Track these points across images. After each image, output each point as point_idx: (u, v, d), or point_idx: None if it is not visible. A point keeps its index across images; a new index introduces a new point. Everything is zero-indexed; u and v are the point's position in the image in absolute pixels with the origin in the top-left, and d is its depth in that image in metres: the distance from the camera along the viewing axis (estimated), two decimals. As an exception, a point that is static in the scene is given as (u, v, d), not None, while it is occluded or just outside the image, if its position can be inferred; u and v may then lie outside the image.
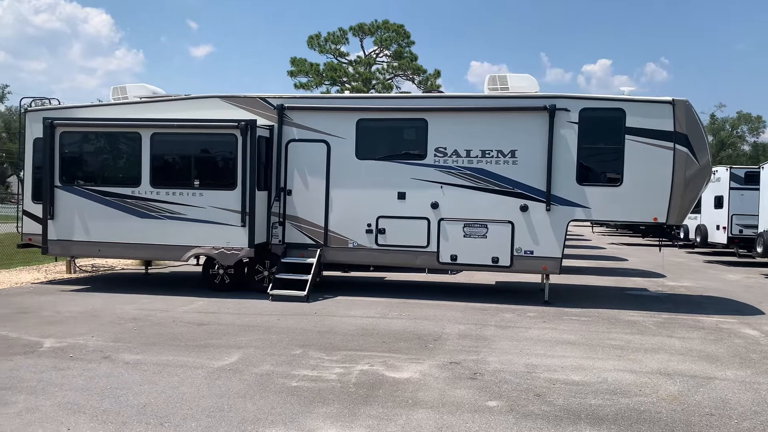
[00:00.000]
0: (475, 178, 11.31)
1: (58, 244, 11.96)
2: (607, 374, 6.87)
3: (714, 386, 6.51)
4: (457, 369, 6.97)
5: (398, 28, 42.54)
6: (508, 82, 11.69)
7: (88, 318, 9.42)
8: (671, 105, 10.72)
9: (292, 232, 11.88)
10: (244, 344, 7.92)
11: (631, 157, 10.84)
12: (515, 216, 11.21)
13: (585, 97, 11.10)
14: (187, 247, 11.52)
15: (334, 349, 7.77)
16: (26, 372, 6.58)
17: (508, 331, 9.07)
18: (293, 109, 11.81)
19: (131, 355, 7.29)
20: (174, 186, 11.57)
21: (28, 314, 9.65)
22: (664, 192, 10.75)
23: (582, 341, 8.47)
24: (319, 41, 42.68)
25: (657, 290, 13.72)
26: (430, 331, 8.94)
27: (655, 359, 7.57)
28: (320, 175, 11.74)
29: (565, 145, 11.02)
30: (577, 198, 11.03)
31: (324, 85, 42.06)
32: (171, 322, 9.24)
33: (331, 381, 6.43)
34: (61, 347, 7.62)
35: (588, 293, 12.98)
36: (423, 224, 11.47)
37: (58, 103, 13.10)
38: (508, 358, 7.47)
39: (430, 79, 43.42)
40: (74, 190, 11.85)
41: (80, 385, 6.18)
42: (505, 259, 11.27)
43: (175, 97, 12.64)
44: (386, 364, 7.12)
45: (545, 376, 6.78)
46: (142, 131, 11.64)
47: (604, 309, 10.94)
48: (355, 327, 9.07)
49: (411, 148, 11.64)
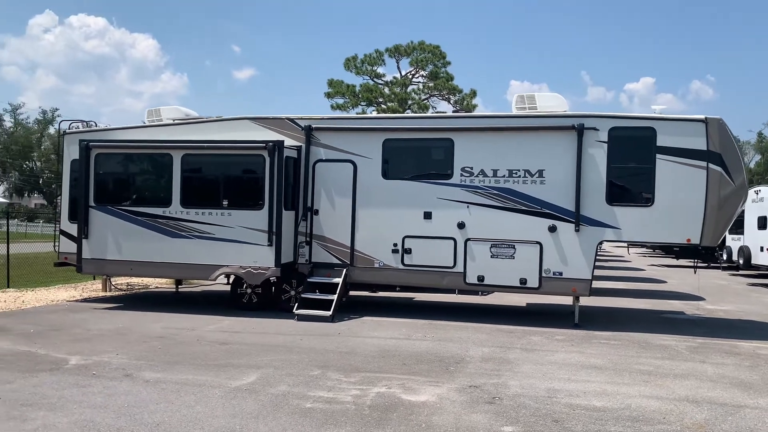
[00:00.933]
0: (502, 198, 11.19)
1: (92, 263, 12.23)
2: (631, 400, 6.65)
3: (743, 415, 6.24)
4: (475, 393, 6.84)
5: (434, 49, 42.67)
6: (536, 101, 11.58)
7: (116, 336, 9.58)
8: (704, 123, 10.45)
9: (319, 252, 11.92)
10: (264, 364, 7.93)
11: (662, 176, 10.58)
12: (543, 236, 11.03)
13: (614, 116, 10.91)
14: (216, 266, 11.65)
15: (353, 370, 7.71)
16: (48, 389, 6.71)
17: (533, 354, 8.88)
18: (320, 129, 11.92)
19: (152, 374, 7.37)
20: (204, 206, 11.74)
21: (59, 331, 9.87)
22: (698, 212, 10.45)
23: (609, 366, 8.24)
24: (355, 63, 43.08)
25: (694, 314, 13.29)
26: (452, 353, 8.81)
27: (684, 385, 7.30)
28: (347, 195, 11.78)
29: (594, 165, 10.83)
30: (607, 218, 10.80)
31: (360, 105, 42.42)
32: (195, 341, 9.33)
33: (345, 403, 6.37)
34: (86, 364, 7.75)
35: (621, 316, 12.66)
36: (449, 244, 11.37)
37: (95, 126, 13.49)
38: (529, 382, 7.30)
39: (466, 98, 43.34)
40: (108, 210, 12.13)
41: (99, 402, 6.26)
42: (533, 281, 11.08)
43: (206, 119, 12.90)
44: (404, 386, 7.03)
45: (566, 401, 6.60)
46: (174, 152, 11.88)
47: (636, 333, 10.64)
48: (377, 348, 9.01)
49: (437, 167, 11.60)
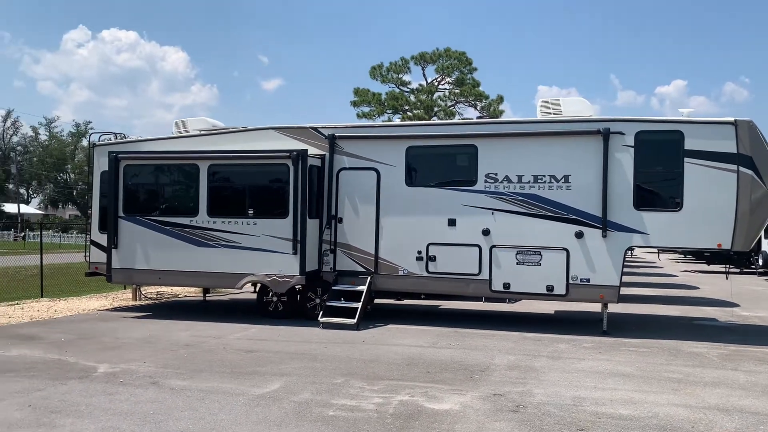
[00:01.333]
0: (528, 203, 11.09)
1: (121, 272, 12.44)
2: (659, 409, 6.52)
3: (777, 424, 6.07)
4: (500, 401, 6.77)
5: (460, 56, 42.58)
6: (561, 106, 11.48)
7: (144, 344, 9.71)
8: (734, 126, 10.24)
9: (343, 260, 11.95)
10: (288, 372, 7.96)
11: (691, 180, 10.39)
12: (570, 242, 10.90)
13: (641, 120, 10.75)
14: (242, 274, 11.76)
15: (376, 378, 7.70)
16: (77, 396, 6.82)
17: (560, 362, 8.76)
18: (344, 138, 11.97)
19: (178, 381, 7.45)
20: (230, 215, 11.87)
21: (89, 340, 10.04)
22: (728, 217, 10.23)
23: (637, 373, 8.09)
24: (381, 71, 43.20)
25: (727, 320, 12.99)
26: (478, 361, 8.74)
27: (715, 394, 7.14)
28: (370, 203, 11.80)
29: (621, 170, 10.68)
30: (635, 224, 10.63)
31: (386, 113, 42.52)
32: (222, 349, 9.41)
33: (368, 411, 6.36)
34: (114, 372, 7.86)
35: (651, 323, 12.43)
36: (474, 251, 11.30)
37: (124, 138, 13.74)
38: (555, 390, 7.21)
39: (493, 104, 43.11)
40: (136, 220, 12.33)
41: (125, 409, 6.35)
42: (560, 288, 10.95)
43: (232, 130, 13.05)
44: (427, 394, 7.00)
45: (592, 409, 6.49)
46: (200, 163, 12.04)
47: (666, 340, 10.43)
48: (402, 356, 8.98)
49: (461, 174, 11.56)
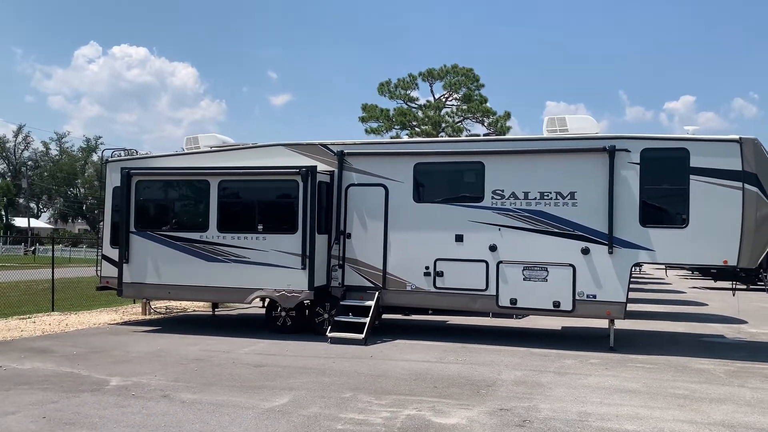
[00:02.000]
0: (534, 220, 11.19)
1: (132, 287, 12.59)
2: (664, 424, 6.57)
3: (781, 441, 6.11)
4: (506, 416, 6.84)
5: (467, 72, 42.87)
6: (567, 123, 11.61)
7: (154, 358, 9.83)
8: (738, 144, 10.34)
9: (352, 275, 12.06)
10: (297, 386, 8.05)
11: (697, 197, 10.47)
12: (576, 259, 10.98)
13: (646, 137, 10.86)
14: (251, 289, 11.88)
15: (384, 393, 7.78)
16: (90, 408, 6.94)
17: (566, 377, 8.82)
18: (352, 154, 12.13)
19: (189, 395, 7.56)
20: (239, 231, 12.02)
21: (100, 353, 10.17)
22: (734, 234, 10.29)
23: (643, 389, 8.13)
24: (389, 87, 43.54)
25: (735, 337, 13.00)
26: (485, 376, 8.81)
27: (720, 410, 7.18)
28: (378, 219, 11.93)
29: (627, 187, 10.77)
30: (641, 240, 10.71)
31: (394, 129, 42.78)
32: (231, 363, 9.52)
33: (376, 425, 6.44)
34: (126, 385, 7.98)
35: (659, 340, 12.45)
36: (481, 267, 11.39)
37: (136, 153, 13.96)
38: (561, 406, 7.27)
39: (500, 120, 43.32)
40: (147, 235, 12.50)
41: (137, 421, 6.46)
42: (566, 304, 11.01)
43: (242, 146, 13.24)
44: (434, 409, 7.07)
45: (597, 424, 6.55)
46: (210, 179, 12.22)
47: (673, 356, 10.46)
48: (409, 371, 9.06)
49: (468, 190, 11.68)
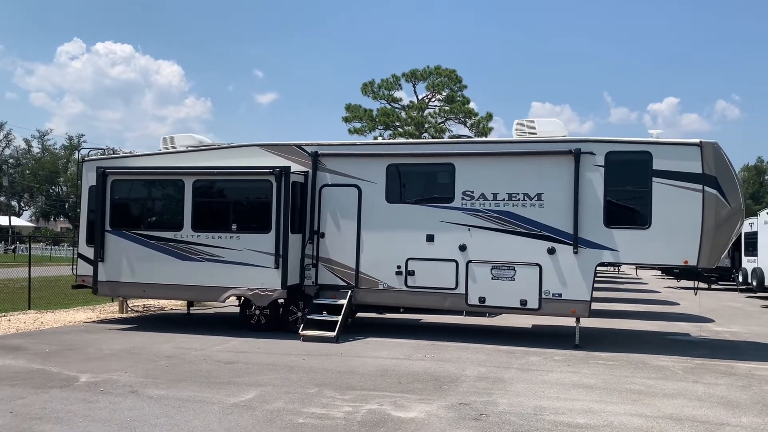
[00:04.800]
0: (502, 220, 11.46)
1: (107, 285, 12.70)
2: (614, 418, 6.84)
3: (723, 433, 6.40)
4: (463, 410, 7.08)
5: (450, 73, 43.14)
6: (535, 126, 11.88)
7: (127, 355, 9.97)
8: (699, 147, 10.66)
9: (325, 274, 12.26)
10: (264, 382, 8.24)
11: (659, 199, 10.78)
12: (543, 258, 11.25)
13: (610, 141, 11.16)
14: (225, 288, 12.04)
15: (349, 388, 7.99)
16: (58, 404, 7.09)
17: (529, 374, 9.08)
18: (326, 155, 12.33)
19: (156, 390, 7.72)
20: (213, 230, 12.17)
21: (73, 351, 10.29)
22: (694, 235, 10.61)
23: (601, 385, 8.41)
24: (372, 88, 43.70)
25: (699, 335, 13.35)
26: (449, 372, 9.05)
27: (671, 404, 7.46)
28: (352, 219, 12.13)
29: (592, 188, 11.07)
30: (605, 241, 11.00)
31: (377, 129, 42.99)
32: (202, 360, 9.68)
33: (336, 419, 6.65)
34: (95, 382, 8.13)
35: (624, 338, 12.76)
36: (451, 266, 11.64)
37: (112, 152, 14.06)
38: (518, 401, 7.52)
39: (482, 122, 43.68)
40: (122, 234, 12.61)
41: (103, 416, 6.62)
42: (533, 302, 11.29)
43: (218, 146, 13.39)
44: (395, 404, 7.29)
45: (550, 418, 6.80)
46: (185, 179, 12.36)
47: (635, 353, 10.76)
48: (376, 368, 9.27)
49: (439, 191, 11.93)
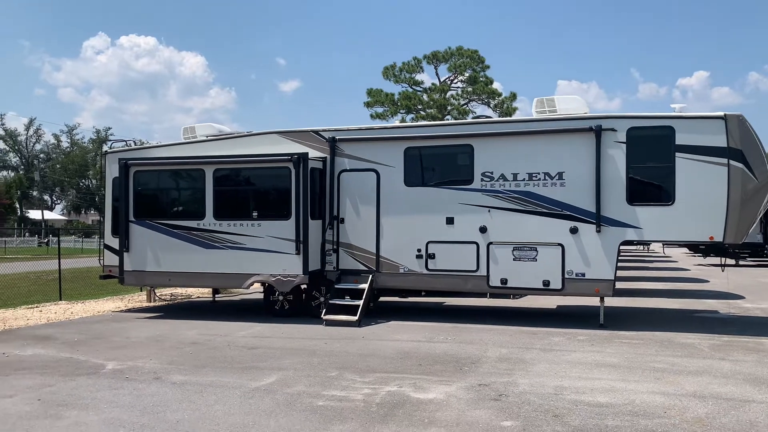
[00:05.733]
0: (523, 201, 11.34)
1: (133, 275, 12.90)
2: (636, 396, 6.76)
3: (747, 409, 6.28)
4: (483, 391, 7.06)
5: (472, 54, 42.75)
6: (556, 104, 11.69)
7: (152, 343, 10.14)
8: (723, 120, 10.40)
9: (346, 259, 12.29)
10: (286, 366, 8.31)
11: (682, 175, 10.57)
12: (565, 238, 11.13)
13: (632, 116, 10.95)
14: (248, 275, 12.16)
15: (369, 371, 8.02)
16: (84, 391, 7.24)
17: (551, 354, 9.01)
18: (344, 140, 12.31)
19: (180, 376, 7.84)
20: (235, 218, 12.27)
21: (100, 339, 10.49)
22: (720, 210, 10.38)
23: (623, 364, 8.32)
24: (394, 71, 43.50)
25: (728, 312, 13.11)
26: (470, 354, 9.03)
27: (695, 382, 7.35)
28: (371, 203, 12.12)
29: (614, 165, 10.88)
30: (628, 218, 10.83)
31: (399, 113, 42.84)
32: (226, 346, 9.80)
33: (356, 401, 6.69)
34: (121, 369, 8.28)
35: (651, 316, 12.60)
36: (472, 248, 11.57)
37: (134, 144, 14.22)
38: (539, 381, 7.47)
39: (506, 102, 43.29)
40: (146, 224, 12.78)
41: (127, 402, 6.75)
42: (556, 282, 11.18)
43: (237, 135, 13.47)
44: (415, 385, 7.30)
45: (571, 397, 6.75)
46: (206, 168, 12.46)
47: (661, 332, 10.62)
48: (397, 351, 9.29)
49: (458, 173, 11.83)
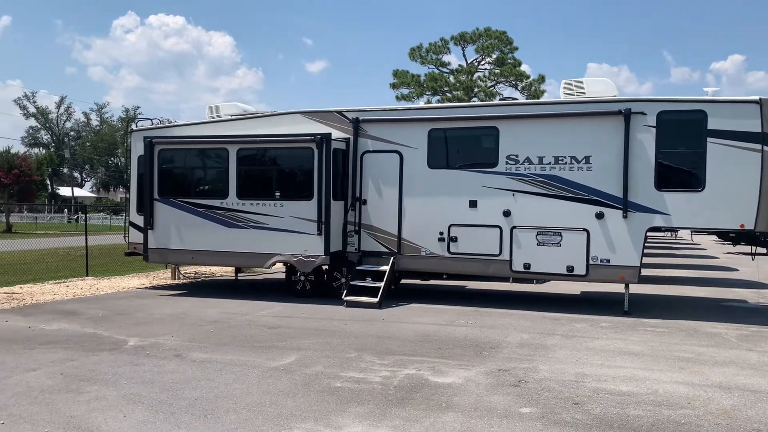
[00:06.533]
0: (548, 185, 11.15)
1: (157, 252, 13.02)
2: (659, 386, 6.63)
3: (775, 402, 6.12)
4: (503, 376, 6.98)
5: (500, 35, 42.20)
6: (584, 86, 11.45)
7: (174, 320, 10.23)
8: (758, 104, 10.08)
9: (367, 241, 12.24)
10: (305, 347, 8.32)
11: (713, 160, 10.29)
12: (590, 223, 10.94)
13: (663, 100, 10.66)
14: (270, 254, 12.18)
15: (388, 353, 7.99)
16: (106, 366, 7.32)
17: (573, 340, 8.89)
18: (367, 121, 12.20)
19: (200, 354, 7.89)
20: (257, 197, 12.28)
21: (124, 315, 10.61)
22: (752, 197, 10.11)
23: (648, 352, 8.17)
24: (420, 52, 43.18)
25: (757, 302, 12.82)
26: (491, 338, 8.95)
27: (721, 372, 7.19)
28: (393, 185, 12.03)
29: (643, 150, 10.63)
30: (656, 204, 10.60)
31: (425, 95, 42.54)
32: (246, 325, 9.84)
33: (374, 383, 6.66)
34: (142, 345, 8.36)
35: (677, 304, 12.37)
36: (495, 232, 11.44)
37: (159, 123, 14.27)
38: (560, 367, 7.37)
39: (534, 84, 42.73)
40: (170, 202, 12.86)
41: (147, 378, 6.81)
42: (580, 268, 11.01)
43: (261, 114, 13.44)
44: (434, 369, 7.25)
45: (592, 385, 6.64)
46: (229, 147, 12.46)
47: (687, 320, 10.41)
48: (417, 333, 9.24)
49: (482, 156, 11.66)
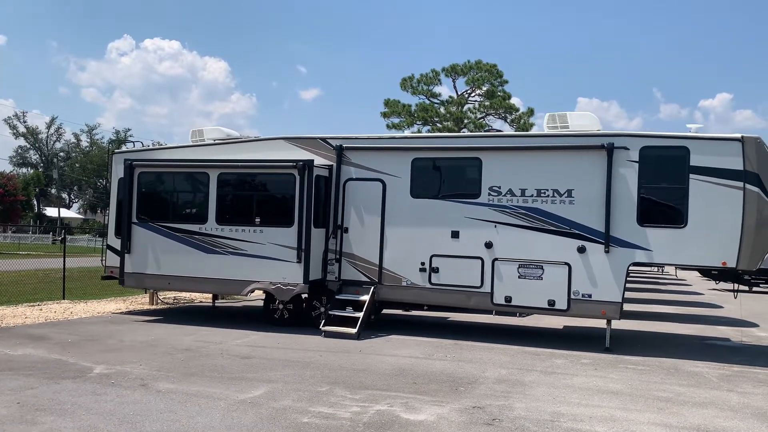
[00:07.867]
0: (530, 217, 11.06)
1: (133, 277, 12.77)
2: (636, 427, 6.45)
3: (753, 447, 5.95)
4: (477, 414, 6.78)
5: (491, 68, 42.51)
6: (568, 120, 11.44)
7: (145, 347, 9.96)
8: (740, 142, 10.08)
9: (348, 269, 12.05)
10: (276, 379, 8.08)
11: (696, 197, 10.24)
12: (572, 257, 10.82)
13: (646, 135, 10.66)
14: (248, 281, 11.97)
15: (361, 387, 7.77)
16: (66, 395, 7.05)
17: (551, 377, 8.70)
18: (351, 149, 12.11)
19: (166, 384, 7.64)
20: (237, 223, 12.10)
21: (94, 341, 10.33)
22: (734, 234, 10.04)
23: (626, 391, 7.99)
24: (411, 83, 43.35)
25: (740, 340, 12.69)
26: (468, 373, 8.74)
27: (700, 414, 7.01)
28: (376, 213, 11.89)
29: (625, 185, 10.58)
30: (638, 240, 10.51)
31: (416, 125, 42.68)
32: (219, 354, 9.59)
33: (342, 419, 6.44)
34: (108, 374, 8.10)
35: (659, 341, 12.21)
36: (477, 264, 11.30)
37: (142, 146, 14.14)
38: (536, 405, 7.17)
39: (523, 117, 42.96)
40: (148, 225, 12.65)
41: (107, 409, 6.55)
42: (561, 303, 10.87)
43: (244, 139, 13.34)
44: (407, 405, 7.04)
45: (567, 425, 6.45)
46: (210, 171, 12.32)
47: (669, 358, 10.25)
48: (393, 366, 9.03)
49: (465, 187, 11.57)
